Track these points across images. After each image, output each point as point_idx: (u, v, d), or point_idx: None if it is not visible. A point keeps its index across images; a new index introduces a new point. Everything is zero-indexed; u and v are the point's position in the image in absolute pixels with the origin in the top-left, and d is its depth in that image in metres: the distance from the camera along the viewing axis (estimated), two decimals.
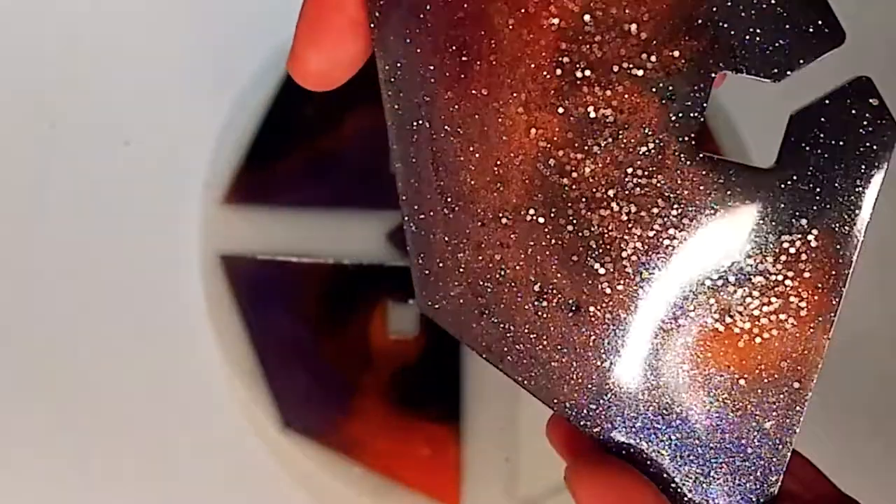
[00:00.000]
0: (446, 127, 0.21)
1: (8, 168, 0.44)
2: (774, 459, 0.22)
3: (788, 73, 0.20)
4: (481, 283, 0.22)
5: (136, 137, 0.44)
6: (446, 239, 0.22)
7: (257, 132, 0.43)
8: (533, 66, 0.20)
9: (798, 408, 0.22)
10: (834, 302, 0.21)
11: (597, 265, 0.21)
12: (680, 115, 0.20)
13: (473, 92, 0.21)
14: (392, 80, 0.21)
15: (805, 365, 0.21)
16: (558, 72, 0.20)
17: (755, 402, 0.22)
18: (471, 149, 0.21)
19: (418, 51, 0.21)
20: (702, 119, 0.20)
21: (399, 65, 0.21)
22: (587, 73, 0.20)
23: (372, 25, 0.21)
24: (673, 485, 0.22)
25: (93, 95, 0.44)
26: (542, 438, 0.41)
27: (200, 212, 0.43)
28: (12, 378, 0.42)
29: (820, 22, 0.19)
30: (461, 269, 0.22)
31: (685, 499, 0.22)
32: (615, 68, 0.20)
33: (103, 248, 0.43)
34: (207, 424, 0.42)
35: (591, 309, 0.21)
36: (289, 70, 0.22)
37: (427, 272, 0.22)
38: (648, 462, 0.22)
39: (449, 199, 0.21)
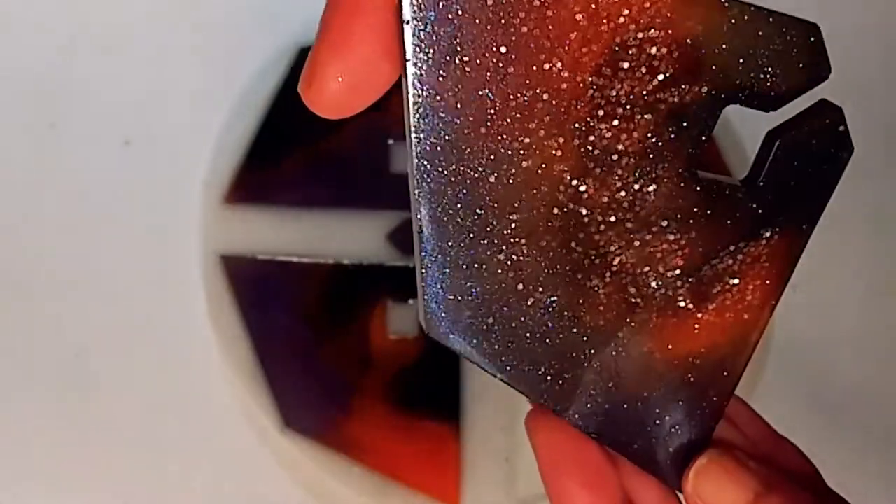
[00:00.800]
0: (476, 160, 0.22)
1: (8, 168, 0.44)
2: (711, 416, 0.25)
3: (784, 105, 0.22)
4: (490, 306, 0.23)
5: (136, 137, 0.44)
6: (464, 269, 0.23)
7: (258, 132, 0.43)
8: (566, 101, 0.22)
9: (737, 376, 0.25)
10: (779, 290, 0.24)
11: (596, 280, 0.23)
12: (689, 144, 0.22)
13: (506, 125, 0.22)
14: (422, 115, 0.22)
15: (748, 342, 0.24)
16: (589, 106, 0.22)
17: (706, 375, 0.25)
18: (495, 179, 0.22)
19: (454, 83, 0.21)
20: (706, 146, 0.22)
21: (431, 99, 0.21)
22: (617, 108, 0.22)
23: (406, 55, 0.21)
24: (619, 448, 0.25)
25: (93, 95, 0.44)
26: None
27: (201, 212, 0.43)
28: (12, 377, 0.42)
29: (814, 60, 0.22)
30: (473, 297, 0.23)
31: (628, 453, 0.25)
32: (639, 104, 0.22)
33: (103, 248, 0.43)
34: (207, 424, 0.42)
35: (587, 318, 0.24)
36: (302, 95, 0.20)
37: (439, 301, 0.23)
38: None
39: (472, 232, 0.23)
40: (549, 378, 0.24)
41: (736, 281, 0.24)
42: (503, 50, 0.21)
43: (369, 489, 0.40)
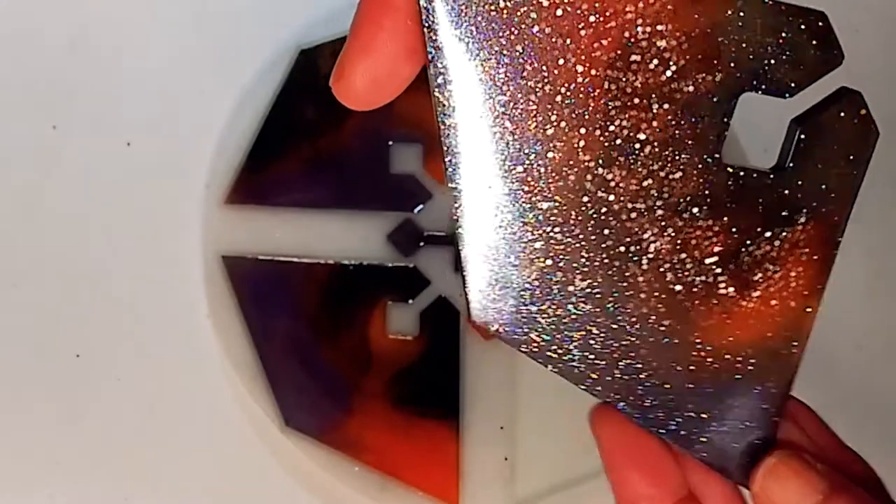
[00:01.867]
0: (504, 153, 0.23)
1: (10, 168, 0.44)
2: (773, 410, 0.25)
3: (800, 90, 0.23)
4: (533, 293, 0.24)
5: (137, 138, 0.44)
6: (503, 258, 0.24)
7: (258, 133, 0.43)
8: (583, 94, 0.23)
9: (794, 366, 0.25)
10: (824, 276, 0.24)
11: (634, 267, 0.24)
12: (709, 132, 0.23)
13: (529, 119, 0.23)
14: (447, 111, 0.23)
15: (800, 331, 0.25)
16: (606, 98, 0.23)
17: (761, 366, 0.25)
18: (526, 172, 0.23)
19: (475, 82, 0.23)
20: (727, 133, 0.23)
21: (455, 97, 0.23)
22: (633, 99, 0.23)
23: (430, 56, 0.22)
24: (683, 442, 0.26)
25: (95, 97, 0.44)
26: (542, 438, 0.41)
27: (201, 213, 0.43)
28: (13, 377, 0.42)
29: (826, 46, 0.23)
30: (515, 285, 0.24)
31: (691, 449, 0.26)
32: (655, 94, 0.23)
33: (104, 249, 0.43)
34: (208, 424, 0.42)
35: (629, 306, 0.24)
36: (332, 88, 0.22)
37: (482, 291, 0.24)
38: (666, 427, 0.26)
39: (507, 222, 0.24)
40: (598, 369, 0.25)
41: (777, 267, 0.24)
42: (519, 49, 0.22)
43: (369, 488, 0.40)
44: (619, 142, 0.23)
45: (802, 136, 0.24)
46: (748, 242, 0.24)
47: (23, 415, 0.42)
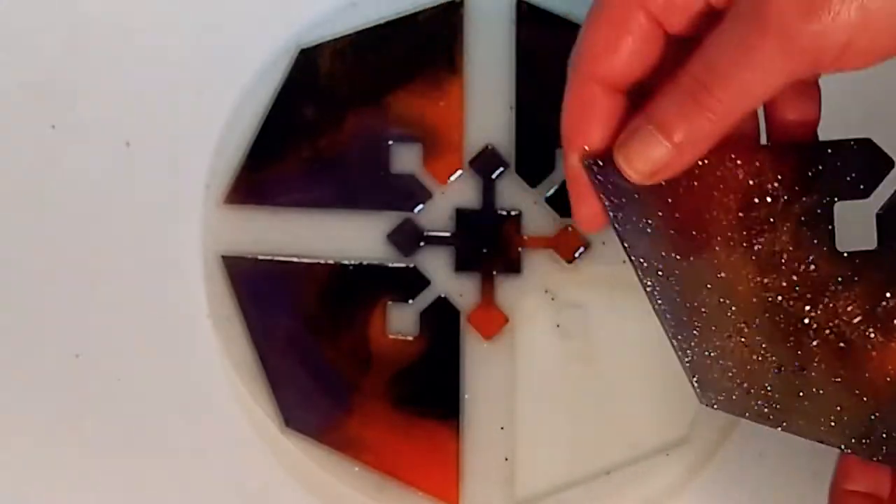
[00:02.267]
0: (687, 284, 0.32)
1: (9, 168, 0.44)
2: None
3: (874, 191, 0.32)
4: (742, 375, 0.32)
5: (137, 138, 0.44)
6: (710, 353, 0.32)
7: (258, 133, 0.43)
8: (727, 230, 0.32)
9: None
10: None
11: (805, 338, 0.32)
12: (821, 232, 0.32)
13: (696, 256, 0.32)
14: (641, 266, 0.32)
15: None
16: (743, 229, 0.32)
17: None
18: (706, 291, 0.32)
19: (654, 243, 0.31)
20: (833, 229, 0.32)
21: (645, 257, 0.32)
22: (763, 225, 0.32)
23: (614, 225, 0.32)
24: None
25: (94, 97, 0.44)
26: (542, 438, 0.41)
27: (201, 212, 0.43)
28: (13, 377, 0.42)
29: (878, 159, 0.32)
30: (724, 369, 0.32)
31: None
32: (776, 218, 0.32)
33: (104, 249, 0.43)
34: (207, 424, 0.42)
35: (814, 365, 0.32)
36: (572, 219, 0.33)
37: (703, 380, 0.32)
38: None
39: (708, 327, 0.32)
40: (804, 417, 0.32)
41: None
42: (678, 213, 0.31)
43: (369, 488, 0.40)
44: (763, 255, 0.32)
45: (886, 223, 0.32)
46: (880, 299, 0.32)
47: (23, 415, 0.42)
